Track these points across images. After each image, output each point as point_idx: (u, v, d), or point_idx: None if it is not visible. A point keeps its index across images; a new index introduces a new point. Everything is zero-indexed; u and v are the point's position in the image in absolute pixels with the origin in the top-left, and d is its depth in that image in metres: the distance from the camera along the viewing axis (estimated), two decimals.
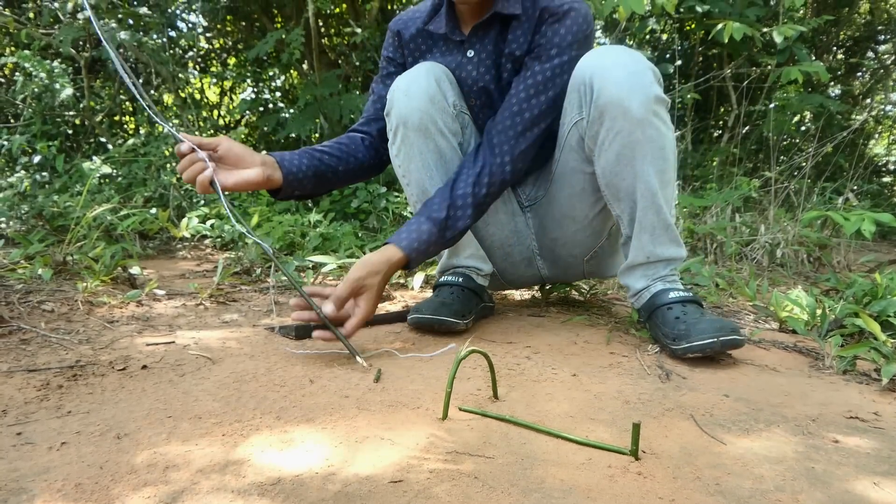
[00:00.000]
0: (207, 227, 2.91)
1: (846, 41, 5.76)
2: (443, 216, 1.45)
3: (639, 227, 1.47)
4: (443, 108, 1.57)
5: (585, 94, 1.45)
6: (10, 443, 0.91)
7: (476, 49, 1.59)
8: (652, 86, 1.39)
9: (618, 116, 1.40)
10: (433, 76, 1.55)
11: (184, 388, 1.15)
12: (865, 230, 2.27)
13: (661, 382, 1.26)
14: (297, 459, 0.87)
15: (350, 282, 1.34)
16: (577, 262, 1.77)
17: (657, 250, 1.48)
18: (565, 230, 1.69)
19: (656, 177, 1.43)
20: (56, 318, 1.61)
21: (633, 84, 1.38)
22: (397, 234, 1.44)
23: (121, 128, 4.73)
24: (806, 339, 1.61)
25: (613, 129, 1.41)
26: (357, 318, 1.35)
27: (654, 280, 1.51)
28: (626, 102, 1.38)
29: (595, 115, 1.43)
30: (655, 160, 1.42)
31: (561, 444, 0.96)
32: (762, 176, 3.60)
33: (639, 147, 1.40)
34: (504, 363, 1.35)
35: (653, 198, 1.44)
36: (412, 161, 1.59)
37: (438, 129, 1.57)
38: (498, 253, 1.78)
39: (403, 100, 1.54)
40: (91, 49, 4.18)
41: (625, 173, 1.44)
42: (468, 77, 1.61)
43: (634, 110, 1.38)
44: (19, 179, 3.41)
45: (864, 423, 1.08)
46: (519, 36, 1.54)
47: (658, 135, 1.41)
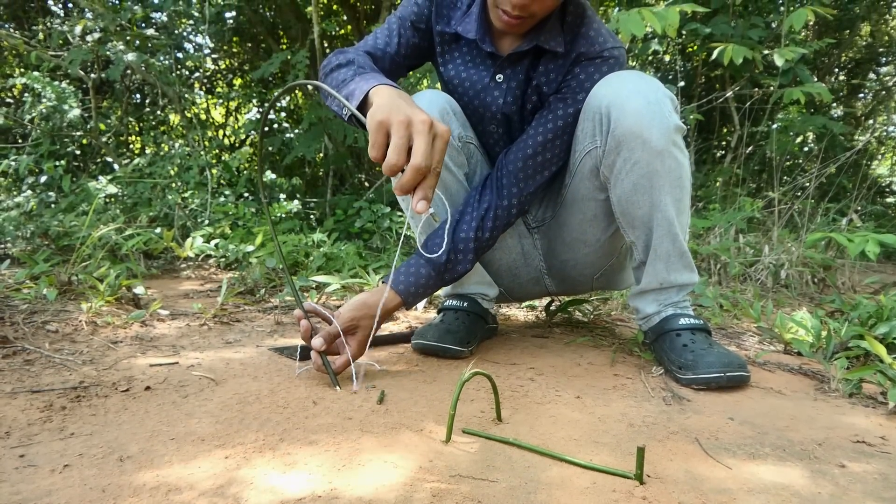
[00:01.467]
0: (212, 247, 2.91)
1: (848, 63, 5.78)
2: (443, 261, 1.45)
3: (654, 254, 1.46)
4: None
5: (601, 123, 1.42)
6: (12, 465, 0.91)
7: (507, 75, 1.51)
8: (671, 115, 1.37)
9: (636, 147, 1.37)
10: (437, 110, 1.51)
11: (187, 409, 1.15)
12: (869, 251, 2.26)
13: (666, 405, 1.25)
14: (299, 482, 0.87)
15: (344, 320, 1.34)
16: (586, 280, 1.76)
17: (671, 277, 1.48)
18: (576, 253, 1.68)
19: (673, 206, 1.41)
20: (60, 338, 1.62)
21: (652, 114, 1.35)
22: (395, 276, 1.43)
23: (127, 148, 4.76)
24: (811, 362, 1.60)
25: (631, 159, 1.38)
26: (344, 357, 1.34)
27: (665, 305, 1.50)
28: (646, 133, 1.35)
29: (612, 146, 1.40)
30: (673, 189, 1.40)
31: (565, 468, 0.95)
32: (765, 196, 3.61)
33: (657, 177, 1.38)
34: (507, 385, 1.34)
35: (669, 227, 1.43)
36: None
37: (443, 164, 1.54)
38: (506, 275, 1.77)
39: None
40: (99, 71, 4.23)
41: (641, 202, 1.42)
42: (493, 102, 1.54)
43: (654, 141, 1.35)
44: (26, 199, 3.43)
45: (871, 447, 1.07)
46: (551, 71, 1.48)
47: (676, 165, 1.39)
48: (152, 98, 4.70)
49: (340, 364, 1.33)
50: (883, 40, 5.71)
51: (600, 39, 1.45)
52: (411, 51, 1.56)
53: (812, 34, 4.97)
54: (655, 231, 1.44)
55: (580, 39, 1.45)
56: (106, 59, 3.95)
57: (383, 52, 1.52)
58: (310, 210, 4.01)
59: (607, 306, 2.24)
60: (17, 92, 4.73)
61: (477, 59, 1.55)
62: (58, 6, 4.88)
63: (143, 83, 4.66)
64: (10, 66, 4.73)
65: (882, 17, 5.66)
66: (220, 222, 3.32)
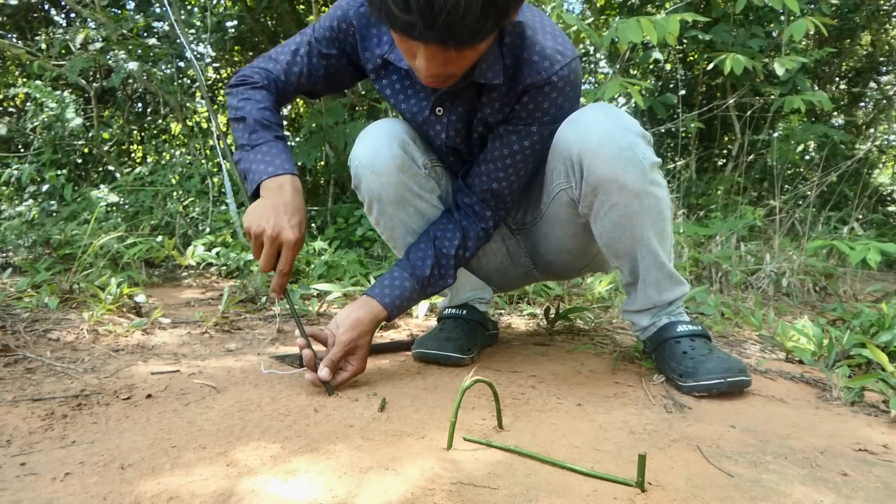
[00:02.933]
0: (213, 255, 2.91)
1: (848, 72, 5.80)
2: (426, 275, 1.45)
3: (643, 282, 1.46)
4: (414, 173, 1.48)
5: (573, 169, 1.37)
6: (13, 473, 0.91)
7: (446, 108, 1.42)
8: (645, 155, 1.32)
9: (613, 192, 1.33)
10: (396, 142, 1.45)
11: (188, 417, 1.15)
12: (871, 260, 2.26)
13: (667, 413, 1.25)
14: (301, 490, 0.87)
15: (343, 344, 1.34)
16: (574, 272, 1.79)
17: (663, 297, 1.48)
18: (560, 257, 1.68)
19: (656, 238, 1.39)
20: (61, 346, 1.62)
21: (626, 161, 1.30)
22: (380, 289, 1.43)
23: (129, 156, 4.77)
24: (813, 370, 1.60)
25: (608, 202, 1.35)
26: (348, 374, 1.36)
27: (659, 316, 1.50)
28: (622, 179, 1.31)
29: (587, 190, 1.37)
30: (654, 224, 1.38)
31: (566, 476, 0.95)
32: (767, 205, 3.61)
33: (637, 217, 1.35)
34: (509, 392, 1.34)
35: (655, 258, 1.42)
36: (395, 230, 1.55)
37: (416, 194, 1.50)
38: (496, 275, 1.78)
39: (371, 177, 1.47)
40: (101, 80, 4.24)
41: (623, 238, 1.39)
42: (436, 137, 1.47)
43: (631, 185, 1.32)
44: (28, 208, 3.44)
45: (874, 455, 1.07)
46: (495, 101, 1.37)
47: (655, 201, 1.36)
48: (154, 107, 4.72)
49: (342, 380, 1.35)
50: (883, 49, 5.73)
51: (546, 64, 1.31)
52: (322, 78, 1.49)
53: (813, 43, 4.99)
54: (641, 263, 1.43)
55: (524, 68, 1.32)
56: (108, 68, 3.97)
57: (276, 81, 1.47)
58: (311, 218, 4.01)
59: (608, 314, 2.24)
60: (19, 101, 4.75)
61: (412, 89, 1.44)
62: (60, 16, 4.91)
63: (144, 92, 4.67)
64: (13, 76, 4.75)
65: (882, 27, 5.68)
66: (222, 230, 3.33)
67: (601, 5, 4.94)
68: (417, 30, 1.04)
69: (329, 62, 1.47)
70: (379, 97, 4.44)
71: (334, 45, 1.45)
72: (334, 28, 1.44)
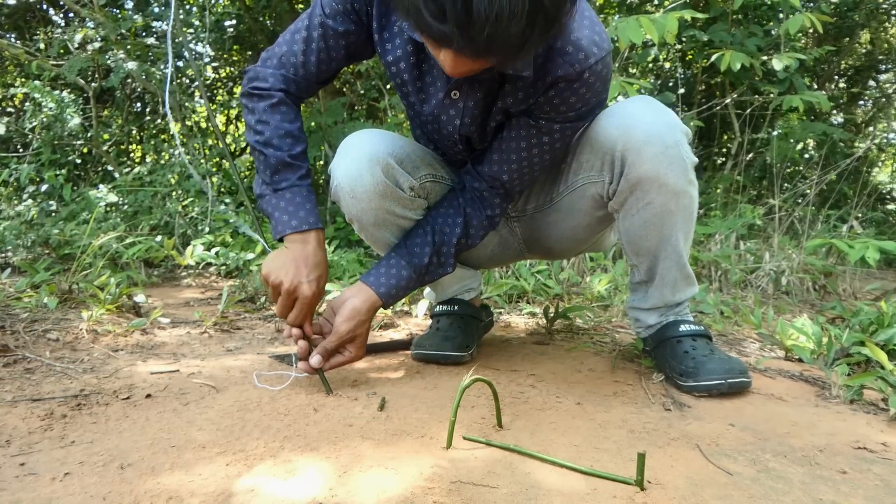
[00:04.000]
0: (212, 255, 2.91)
1: (847, 70, 5.80)
2: (424, 263, 1.40)
3: (660, 280, 1.45)
4: (397, 197, 1.41)
5: (612, 163, 1.34)
6: (13, 473, 0.91)
7: (464, 92, 1.30)
8: (688, 155, 1.32)
9: (651, 189, 1.32)
10: (380, 167, 1.37)
11: (187, 417, 1.15)
12: (870, 258, 2.26)
13: (667, 411, 1.25)
14: (300, 489, 0.87)
15: (340, 335, 1.34)
16: (569, 255, 1.79)
17: (675, 297, 1.48)
18: (562, 244, 1.65)
19: (683, 239, 1.40)
20: (61, 346, 1.62)
21: (671, 160, 1.29)
22: (375, 277, 1.40)
23: (128, 156, 4.77)
24: (812, 368, 1.60)
25: (645, 199, 1.33)
26: (345, 358, 1.36)
27: (666, 315, 1.51)
28: (664, 178, 1.30)
29: (625, 187, 1.34)
30: (685, 224, 1.38)
31: (565, 474, 0.95)
32: (766, 203, 3.61)
33: (670, 216, 1.35)
34: (508, 391, 1.34)
35: (678, 258, 1.42)
36: (377, 243, 1.53)
37: (397, 216, 1.44)
38: (486, 261, 1.76)
39: (350, 201, 1.41)
40: (100, 80, 4.24)
41: (650, 236, 1.39)
42: (448, 122, 1.36)
43: (672, 184, 1.30)
44: (27, 208, 3.43)
45: (873, 453, 1.07)
46: (519, 90, 1.27)
47: (690, 202, 1.36)
48: (153, 107, 4.72)
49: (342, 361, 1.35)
50: (882, 48, 5.73)
51: (580, 56, 1.19)
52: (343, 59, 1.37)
53: (812, 42, 4.99)
54: (663, 261, 1.42)
55: (557, 58, 1.20)
56: (107, 68, 3.97)
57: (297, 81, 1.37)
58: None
59: (608, 313, 2.24)
60: (17, 101, 4.74)
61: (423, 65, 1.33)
62: (59, 16, 4.90)
63: (143, 92, 4.67)
64: (12, 76, 4.74)
65: (881, 25, 5.68)
66: (221, 230, 3.32)
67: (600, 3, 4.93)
68: (455, 42, 0.93)
69: (349, 40, 1.34)
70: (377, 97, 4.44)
71: (350, 19, 1.31)
72: None
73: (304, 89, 1.40)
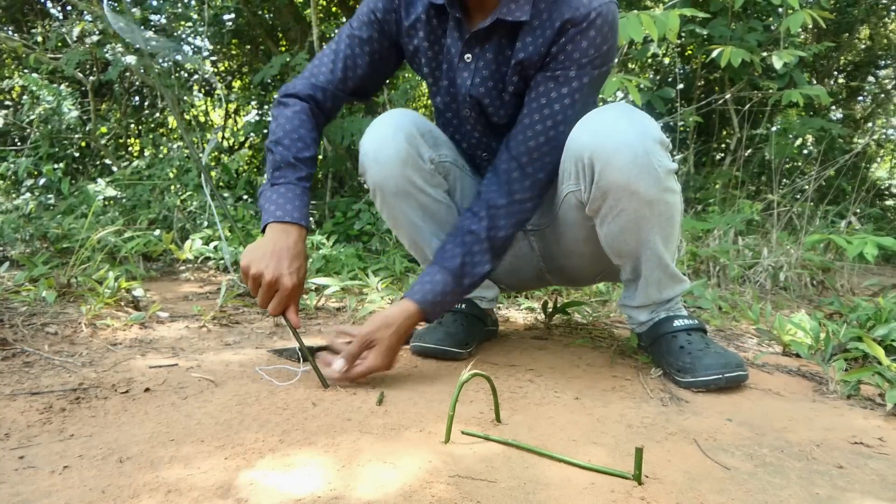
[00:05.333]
0: (211, 250, 2.91)
1: (847, 66, 5.80)
2: (457, 264, 1.36)
3: (644, 281, 1.46)
4: (418, 167, 1.48)
5: (584, 171, 1.34)
6: (12, 466, 0.91)
7: (475, 54, 1.41)
8: (661, 162, 1.29)
9: (623, 198, 1.30)
10: (403, 134, 1.45)
11: (186, 410, 1.15)
12: (868, 254, 2.26)
13: (664, 406, 1.25)
14: (299, 483, 0.87)
15: (361, 337, 1.30)
16: (587, 279, 1.76)
17: (663, 295, 1.48)
18: (573, 261, 1.66)
19: (662, 242, 1.38)
20: (59, 340, 1.62)
21: (641, 168, 1.27)
22: (411, 288, 1.37)
23: (126, 150, 4.76)
24: (810, 364, 1.61)
25: (617, 207, 1.33)
26: (363, 368, 1.30)
27: (657, 311, 1.51)
28: (634, 186, 1.28)
29: (597, 194, 1.34)
30: (662, 229, 1.36)
31: (564, 469, 0.95)
32: (765, 199, 3.61)
33: (645, 222, 1.34)
34: (507, 386, 1.35)
35: (659, 260, 1.41)
36: (398, 220, 1.55)
37: (418, 188, 1.50)
38: (505, 277, 1.77)
39: (374, 167, 1.47)
40: (98, 73, 4.23)
41: (629, 241, 1.38)
42: (462, 85, 1.45)
43: (643, 192, 1.29)
44: (25, 202, 3.43)
45: (869, 448, 1.07)
46: (529, 44, 1.35)
47: (667, 208, 1.34)
48: (151, 100, 4.71)
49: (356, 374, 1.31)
50: (882, 43, 5.72)
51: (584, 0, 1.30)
52: (368, 66, 1.49)
53: (811, 37, 4.98)
54: (644, 264, 1.42)
55: (561, 5, 1.31)
56: (105, 61, 3.96)
57: (324, 88, 1.47)
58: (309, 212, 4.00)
59: (606, 308, 2.24)
60: (15, 94, 4.73)
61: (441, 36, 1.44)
62: (56, 9, 4.89)
63: (141, 85, 4.66)
64: (9, 69, 4.73)
65: (881, 21, 5.67)
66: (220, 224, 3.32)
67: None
68: None
69: (372, 47, 1.48)
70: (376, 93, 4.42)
71: (374, 27, 1.47)
72: (376, 10, 1.46)
73: (330, 97, 1.48)
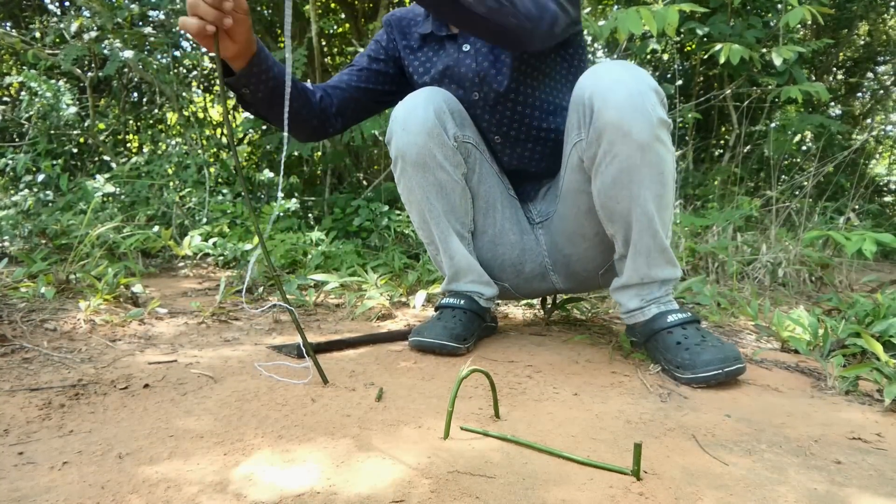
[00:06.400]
0: (210, 246, 2.91)
1: (846, 62, 5.80)
2: None
3: (634, 249, 1.45)
4: (442, 141, 1.55)
5: (584, 114, 1.40)
6: (11, 462, 0.91)
7: (471, 41, 1.61)
8: (655, 108, 1.34)
9: (616, 140, 1.35)
10: (432, 107, 1.54)
11: (185, 406, 1.15)
12: (866, 250, 2.27)
13: (663, 402, 1.26)
14: (298, 479, 0.87)
15: None
16: (591, 276, 1.75)
17: (652, 272, 1.47)
18: (577, 247, 1.66)
19: (654, 202, 1.39)
20: (58, 336, 1.62)
21: (635, 106, 1.32)
22: None
23: (125, 146, 4.75)
24: (808, 360, 1.61)
25: (611, 151, 1.36)
26: None
27: (648, 302, 1.49)
28: (627, 126, 1.32)
29: (593, 137, 1.39)
30: (654, 185, 1.38)
31: (562, 464, 0.95)
32: (763, 195, 3.62)
33: (636, 172, 1.36)
34: (505, 382, 1.35)
35: (649, 223, 1.41)
36: (412, 192, 1.60)
37: (437, 163, 1.56)
38: (509, 271, 1.76)
39: (401, 133, 1.55)
40: (97, 69, 4.22)
41: (620, 196, 1.40)
42: (468, 71, 1.61)
43: (635, 134, 1.32)
44: (23, 198, 3.43)
45: (867, 444, 1.07)
46: None
47: (658, 159, 1.36)
48: (150, 97, 4.70)
49: None
50: (881, 39, 5.72)
51: None
52: (379, 78, 1.72)
53: (810, 33, 4.98)
54: (635, 226, 1.42)
55: None
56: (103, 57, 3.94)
57: (347, 84, 1.68)
58: (308, 209, 4.01)
59: (605, 304, 2.24)
60: (13, 90, 4.72)
61: (439, 49, 1.66)
62: (54, 4, 4.87)
63: (140, 82, 4.65)
64: (7, 65, 4.72)
65: (880, 17, 5.67)
66: (218, 221, 3.32)
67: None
68: None
69: (378, 66, 1.72)
70: None
71: (381, 50, 1.72)
72: (378, 39, 1.73)
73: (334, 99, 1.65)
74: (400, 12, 1.73)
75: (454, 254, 1.65)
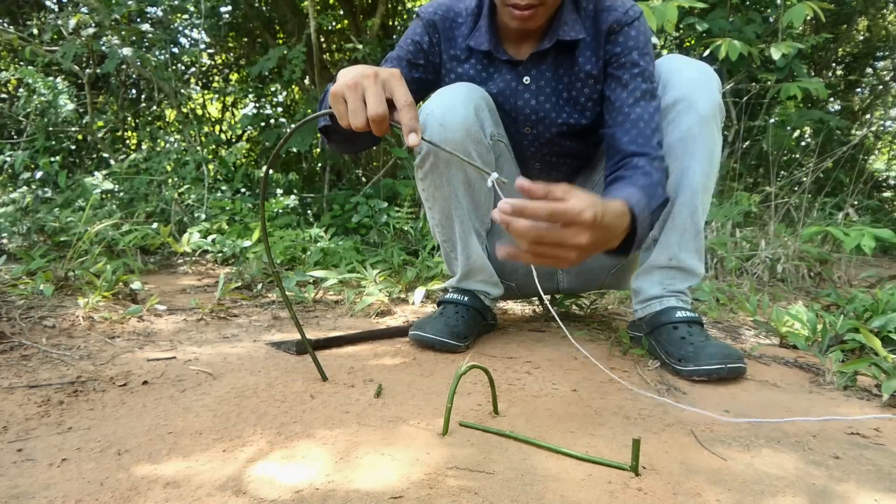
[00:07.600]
0: (209, 242, 2.91)
1: (845, 58, 5.79)
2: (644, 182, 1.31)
3: (671, 223, 1.48)
4: (478, 140, 1.51)
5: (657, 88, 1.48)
6: (10, 459, 0.92)
7: (533, 76, 1.53)
8: (717, 91, 1.46)
9: (683, 110, 1.43)
10: (472, 105, 1.49)
11: (184, 403, 1.15)
12: (865, 246, 2.27)
13: (661, 398, 1.26)
14: (297, 475, 0.87)
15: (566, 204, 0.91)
16: (601, 275, 1.76)
17: (681, 255, 1.48)
18: None
19: (701, 178, 1.45)
20: (57, 333, 1.62)
21: (703, 83, 1.44)
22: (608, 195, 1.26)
23: (123, 143, 4.74)
24: (806, 355, 1.61)
25: (678, 119, 1.44)
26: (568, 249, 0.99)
27: (670, 293, 1.51)
28: (695, 97, 1.42)
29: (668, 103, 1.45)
30: (704, 161, 1.44)
31: (561, 460, 0.96)
32: (762, 191, 3.61)
33: (692, 143, 1.43)
34: (504, 378, 1.35)
35: (692, 197, 1.45)
36: (439, 189, 1.56)
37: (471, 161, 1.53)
38: (521, 271, 1.76)
39: (438, 129, 1.48)
40: (95, 66, 4.21)
41: (673, 167, 1.45)
42: (525, 106, 1.56)
43: (701, 106, 1.42)
44: (21, 195, 3.42)
45: (865, 439, 1.08)
46: (590, 57, 1.49)
47: (713, 137, 1.45)
48: (148, 93, 4.69)
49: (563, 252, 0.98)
50: (880, 35, 5.71)
51: (618, 4, 1.48)
52: (413, 87, 1.53)
53: (810, 29, 4.98)
54: (678, 199, 1.46)
55: (603, 14, 1.48)
56: (101, 54, 3.94)
57: None
58: (307, 205, 4.01)
59: (604, 301, 2.25)
60: (11, 87, 4.71)
61: (491, 69, 1.56)
62: (52, 1, 4.86)
63: (138, 78, 4.64)
64: (5, 62, 4.71)
65: (879, 13, 5.66)
66: (217, 217, 3.32)
67: None
68: None
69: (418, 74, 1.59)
70: None
71: (421, 56, 1.57)
72: (419, 41, 1.57)
73: None
74: (440, 8, 1.57)
75: (471, 253, 1.64)
